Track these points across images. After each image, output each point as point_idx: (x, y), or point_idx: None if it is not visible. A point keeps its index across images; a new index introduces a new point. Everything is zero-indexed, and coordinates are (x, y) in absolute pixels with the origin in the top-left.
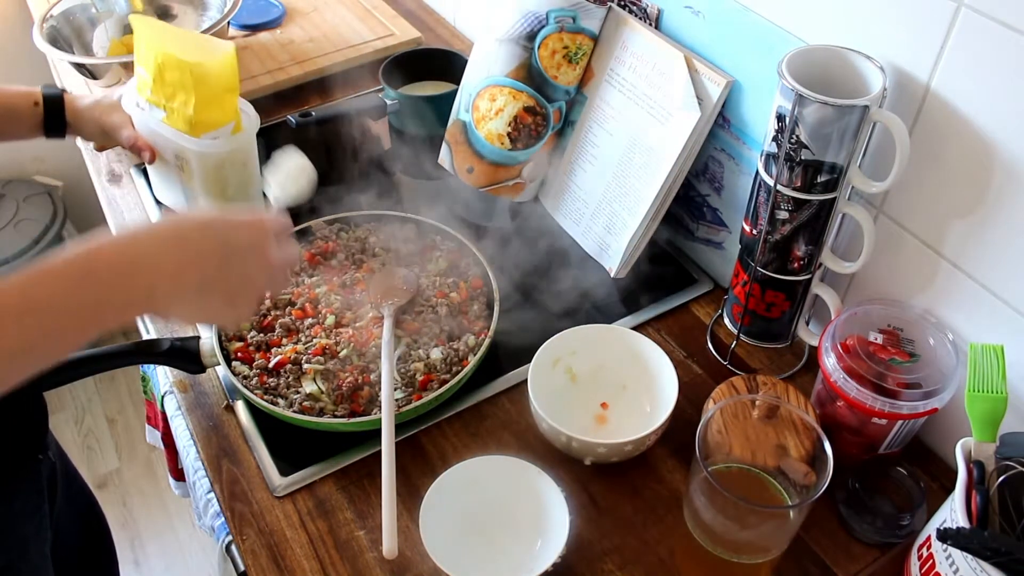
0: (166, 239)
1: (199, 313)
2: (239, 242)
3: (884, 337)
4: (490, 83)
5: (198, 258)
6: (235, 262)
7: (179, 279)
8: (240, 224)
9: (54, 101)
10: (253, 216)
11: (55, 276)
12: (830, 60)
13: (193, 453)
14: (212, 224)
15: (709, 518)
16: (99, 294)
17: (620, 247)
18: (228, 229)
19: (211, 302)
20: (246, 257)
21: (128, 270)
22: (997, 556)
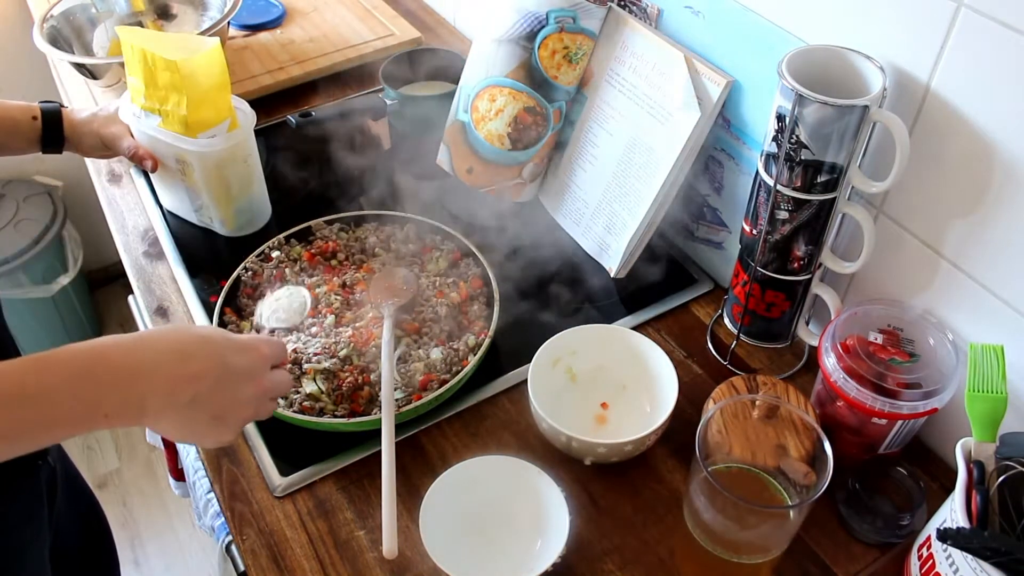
0: (168, 351)
1: (184, 429)
2: (235, 366)
3: (884, 337)
4: (489, 83)
5: (195, 377)
6: (228, 385)
7: (172, 393)
8: (239, 347)
9: (52, 116)
10: (253, 341)
11: (55, 368)
12: (830, 60)
13: (193, 453)
14: (213, 342)
15: (709, 518)
16: (95, 394)
17: (620, 247)
18: (227, 351)
19: (198, 419)
20: (240, 382)
21: (127, 376)
22: (997, 556)
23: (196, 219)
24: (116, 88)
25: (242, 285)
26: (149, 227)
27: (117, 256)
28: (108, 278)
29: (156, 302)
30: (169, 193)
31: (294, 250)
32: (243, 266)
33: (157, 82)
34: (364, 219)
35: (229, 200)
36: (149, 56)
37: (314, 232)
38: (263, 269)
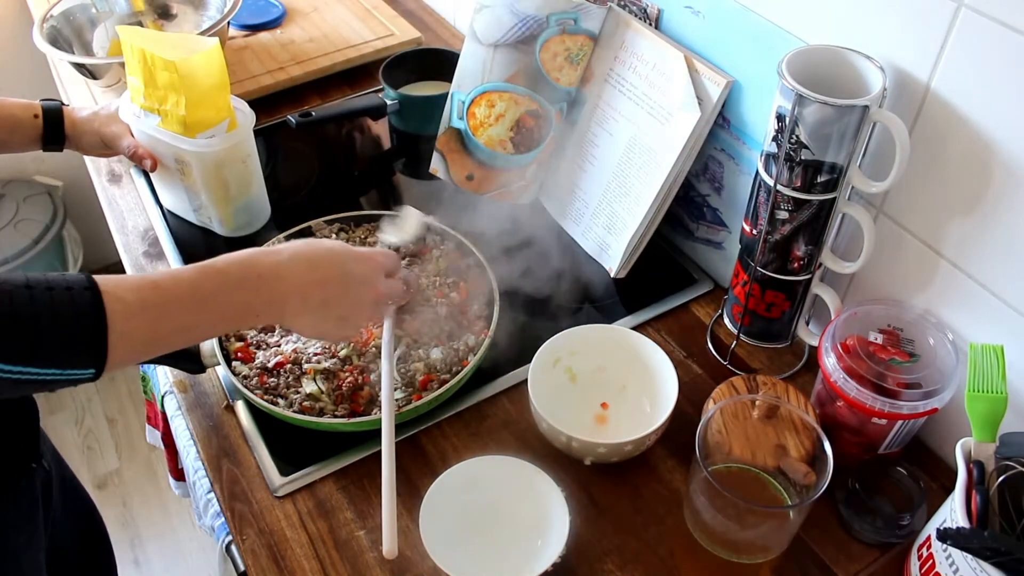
0: (302, 261)
1: (315, 327)
2: (356, 273)
3: (884, 337)
4: (487, 89)
5: (323, 282)
6: (351, 289)
7: (306, 296)
8: (359, 257)
9: (53, 114)
10: (370, 252)
11: (218, 275)
12: (830, 60)
13: (193, 453)
14: (338, 254)
15: (709, 518)
16: (248, 297)
17: (620, 247)
18: (349, 260)
19: (328, 318)
20: (361, 287)
21: (273, 282)
22: (997, 556)
23: (195, 219)
24: (116, 88)
25: None
26: (149, 227)
27: (117, 256)
28: None
29: None
30: (169, 193)
31: None
32: None
33: (156, 82)
34: (364, 219)
35: (228, 200)
36: (148, 56)
37: (314, 232)
38: None
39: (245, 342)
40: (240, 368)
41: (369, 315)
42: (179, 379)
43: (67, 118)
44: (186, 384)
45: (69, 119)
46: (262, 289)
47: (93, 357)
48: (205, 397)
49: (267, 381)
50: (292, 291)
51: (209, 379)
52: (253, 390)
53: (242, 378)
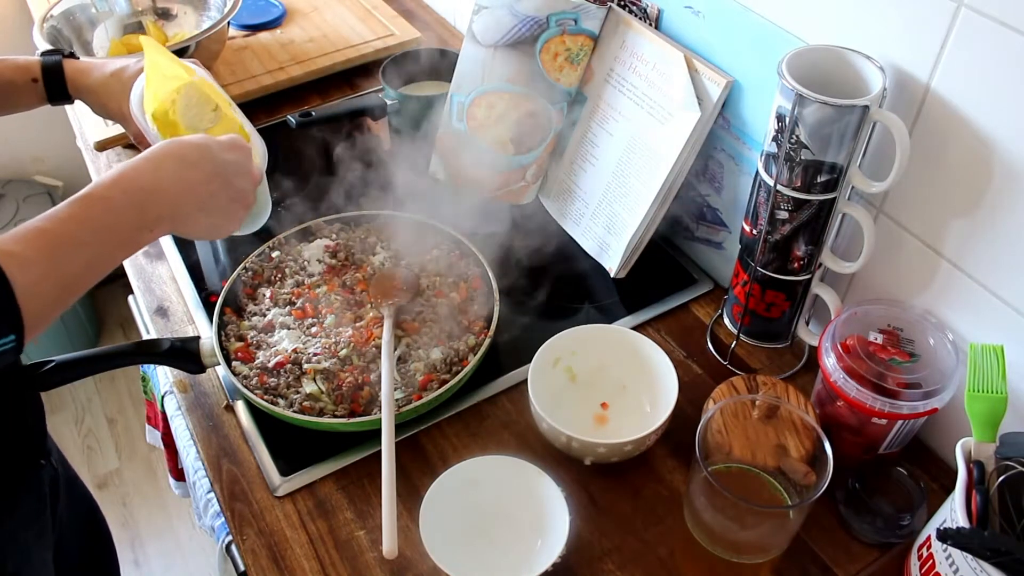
0: (177, 164)
1: (208, 225)
2: (230, 162)
3: (884, 337)
4: (487, 90)
5: (205, 179)
6: (230, 179)
7: (193, 197)
8: (226, 145)
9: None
10: (235, 139)
11: (102, 203)
12: (830, 60)
13: (193, 453)
14: (207, 146)
15: (709, 518)
16: (137, 215)
17: (620, 247)
18: (219, 150)
19: (215, 214)
20: (237, 175)
21: (157, 194)
22: (997, 556)
23: None
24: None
25: (242, 285)
26: None
27: None
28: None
29: (156, 302)
30: None
31: (294, 249)
32: (243, 266)
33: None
34: (364, 219)
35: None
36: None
37: (314, 232)
38: (263, 269)
39: (245, 342)
40: (240, 368)
41: (249, 200)
42: (179, 379)
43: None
44: (186, 384)
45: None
46: (148, 204)
47: (8, 322)
48: (205, 397)
49: (267, 381)
50: (179, 197)
51: (209, 379)
52: (253, 390)
53: (242, 378)
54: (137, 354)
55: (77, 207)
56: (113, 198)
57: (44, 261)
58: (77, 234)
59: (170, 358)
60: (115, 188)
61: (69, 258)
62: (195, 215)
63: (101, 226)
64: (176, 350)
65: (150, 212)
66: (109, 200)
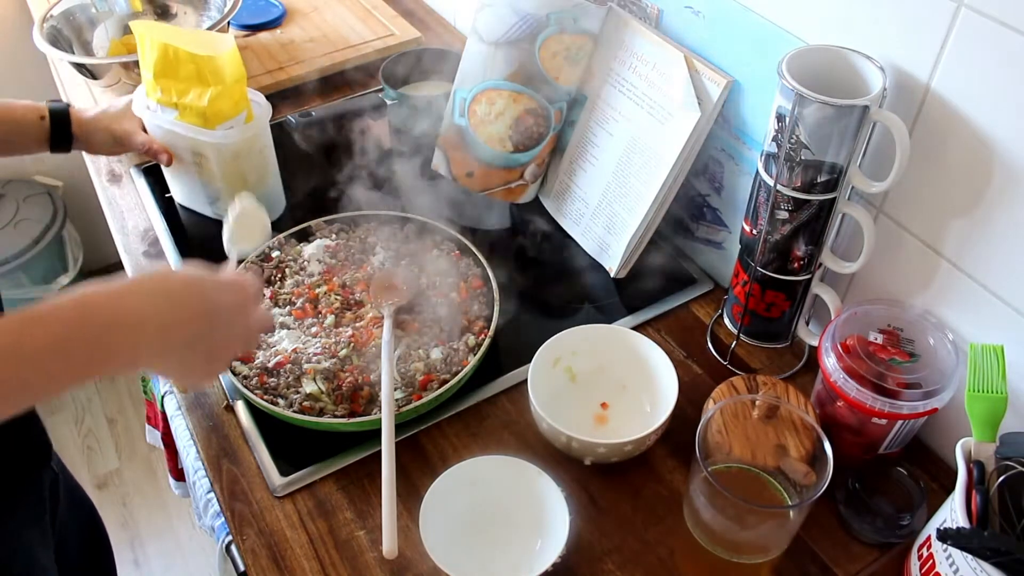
0: (155, 296)
1: (178, 370)
2: (222, 305)
3: (884, 337)
4: (487, 87)
5: (184, 319)
6: (219, 325)
7: (166, 339)
8: (224, 286)
9: (60, 115)
10: (235, 278)
11: (49, 323)
12: (830, 60)
13: (193, 453)
14: (198, 284)
15: (709, 518)
16: (88, 347)
17: (620, 247)
18: (212, 291)
19: (192, 360)
20: (228, 320)
21: (117, 325)
22: (997, 556)
23: (211, 212)
24: (116, 88)
25: None
26: (149, 227)
27: (117, 256)
28: None
29: None
30: (183, 187)
31: (294, 249)
32: (243, 266)
33: (178, 75)
34: (364, 219)
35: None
36: (171, 50)
37: (314, 232)
38: (263, 269)
39: None
40: (240, 368)
41: (240, 350)
42: None
43: (74, 119)
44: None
45: (76, 119)
46: (106, 336)
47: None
48: (205, 397)
49: (267, 381)
50: (147, 338)
51: None
52: (253, 390)
53: (242, 378)
54: None
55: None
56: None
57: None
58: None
59: None
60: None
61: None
62: (163, 357)
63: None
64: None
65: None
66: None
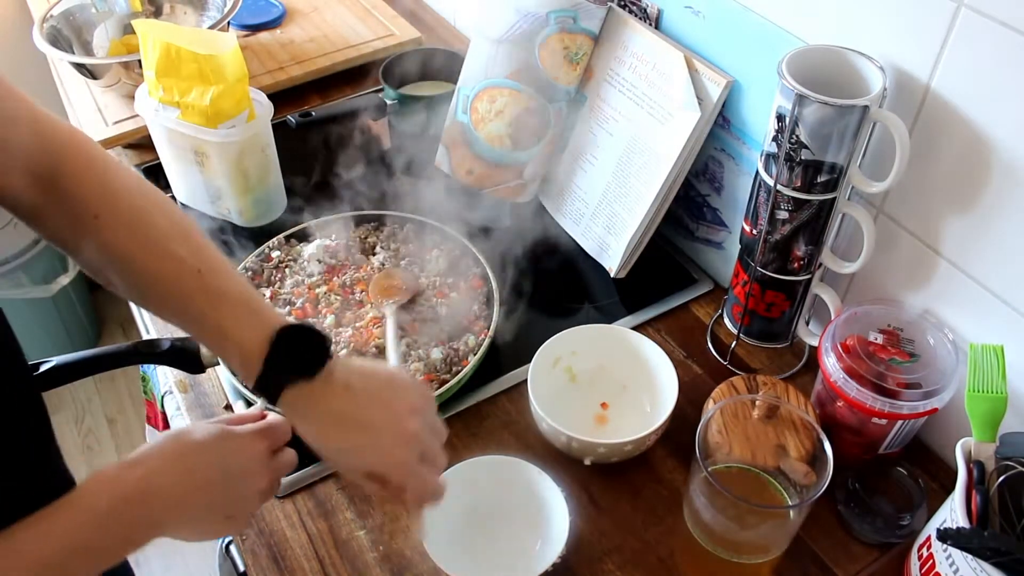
0: (172, 468)
1: (201, 532)
2: (238, 468)
3: (884, 337)
4: (489, 84)
5: (201, 486)
6: (233, 487)
7: (184, 507)
8: (239, 447)
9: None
10: (251, 436)
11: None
12: (830, 60)
13: None
14: (212, 448)
15: (709, 518)
16: (122, 530)
17: (620, 247)
18: (227, 454)
19: (212, 521)
20: (244, 481)
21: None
22: (997, 556)
23: (213, 211)
24: (116, 88)
25: None
26: None
27: None
28: None
29: None
30: (185, 185)
31: (294, 249)
32: (243, 266)
33: (180, 74)
34: (364, 219)
35: (247, 190)
36: (173, 49)
37: (314, 232)
38: (263, 269)
39: None
40: None
41: (259, 504)
42: (179, 379)
43: None
44: (186, 384)
45: None
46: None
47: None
48: (205, 397)
49: None
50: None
51: (209, 379)
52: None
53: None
54: (137, 354)
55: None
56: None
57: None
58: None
59: (170, 358)
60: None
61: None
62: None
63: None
64: (176, 350)
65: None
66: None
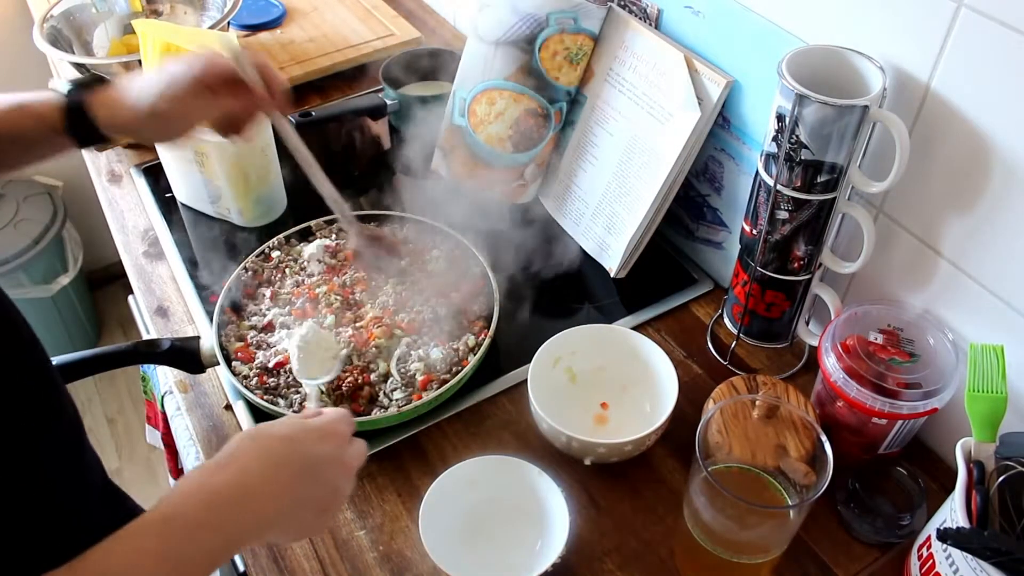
0: (261, 465)
1: (298, 529)
2: (324, 456)
3: (884, 337)
4: (487, 87)
5: (293, 480)
6: (323, 476)
7: (279, 502)
8: (319, 437)
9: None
10: (330, 425)
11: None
12: (830, 60)
13: (193, 453)
14: (296, 440)
15: (709, 518)
16: (218, 537)
17: (620, 247)
18: (311, 444)
19: (306, 516)
20: (332, 468)
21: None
22: (997, 556)
23: (213, 211)
24: None
25: (242, 285)
26: (149, 227)
27: (117, 256)
28: (108, 278)
29: (156, 302)
30: (185, 185)
31: (294, 249)
32: (243, 266)
33: None
34: (364, 219)
35: (247, 190)
36: (173, 49)
37: (314, 232)
38: (263, 269)
39: (245, 342)
40: (240, 368)
41: (347, 493)
42: (179, 379)
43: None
44: (186, 384)
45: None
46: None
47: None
48: (205, 397)
49: (267, 381)
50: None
51: (209, 379)
52: (253, 390)
53: (242, 378)
54: (137, 354)
55: (154, 540)
56: (196, 518)
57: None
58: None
59: (170, 358)
60: (199, 508)
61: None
62: (282, 524)
63: (183, 557)
64: (176, 350)
65: (237, 528)
66: (187, 520)
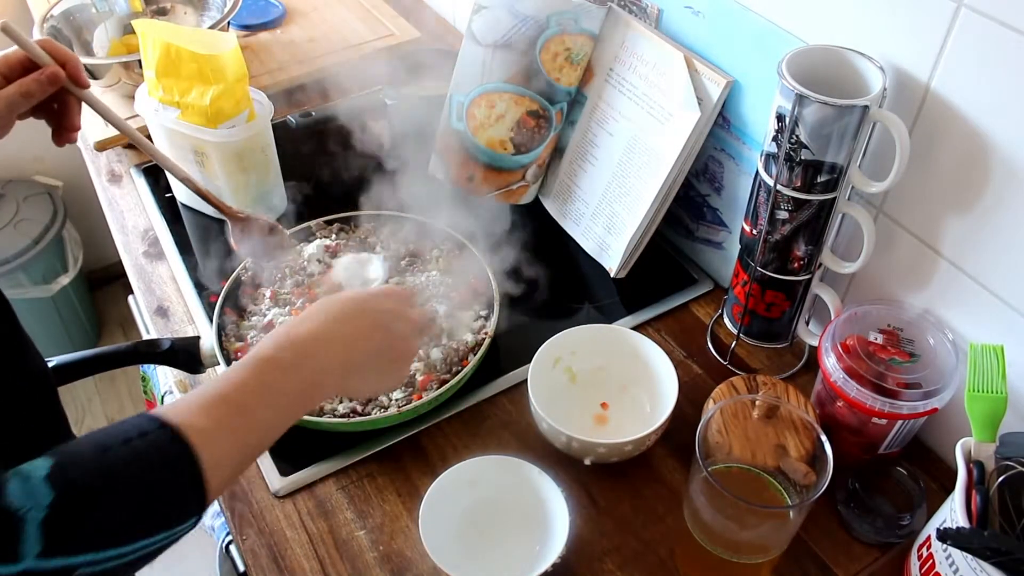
0: (338, 319)
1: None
2: (390, 311)
3: (884, 337)
4: (486, 90)
5: (367, 330)
6: (394, 328)
7: (356, 351)
8: (379, 296)
9: None
10: (389, 287)
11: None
12: (830, 60)
13: None
14: (366, 299)
15: (709, 518)
16: (308, 376)
17: (620, 247)
18: (379, 302)
19: (381, 366)
20: (398, 322)
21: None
22: (997, 556)
23: (213, 211)
24: (116, 88)
25: (242, 285)
26: (149, 227)
27: (117, 256)
28: (108, 278)
29: (156, 302)
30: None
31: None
32: (243, 266)
33: (180, 74)
34: (364, 219)
35: (247, 190)
36: (173, 49)
37: (314, 232)
38: (263, 269)
39: (245, 342)
40: None
41: (415, 347)
42: (179, 379)
43: None
44: (186, 384)
45: None
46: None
47: (196, 502)
48: None
49: None
50: (345, 353)
51: (209, 379)
52: None
53: None
54: (137, 354)
55: (250, 373)
56: (283, 359)
57: (228, 435)
58: (254, 402)
59: (170, 358)
60: (285, 349)
61: (249, 427)
62: (362, 371)
63: (276, 391)
64: (176, 350)
65: (320, 371)
66: (280, 361)
